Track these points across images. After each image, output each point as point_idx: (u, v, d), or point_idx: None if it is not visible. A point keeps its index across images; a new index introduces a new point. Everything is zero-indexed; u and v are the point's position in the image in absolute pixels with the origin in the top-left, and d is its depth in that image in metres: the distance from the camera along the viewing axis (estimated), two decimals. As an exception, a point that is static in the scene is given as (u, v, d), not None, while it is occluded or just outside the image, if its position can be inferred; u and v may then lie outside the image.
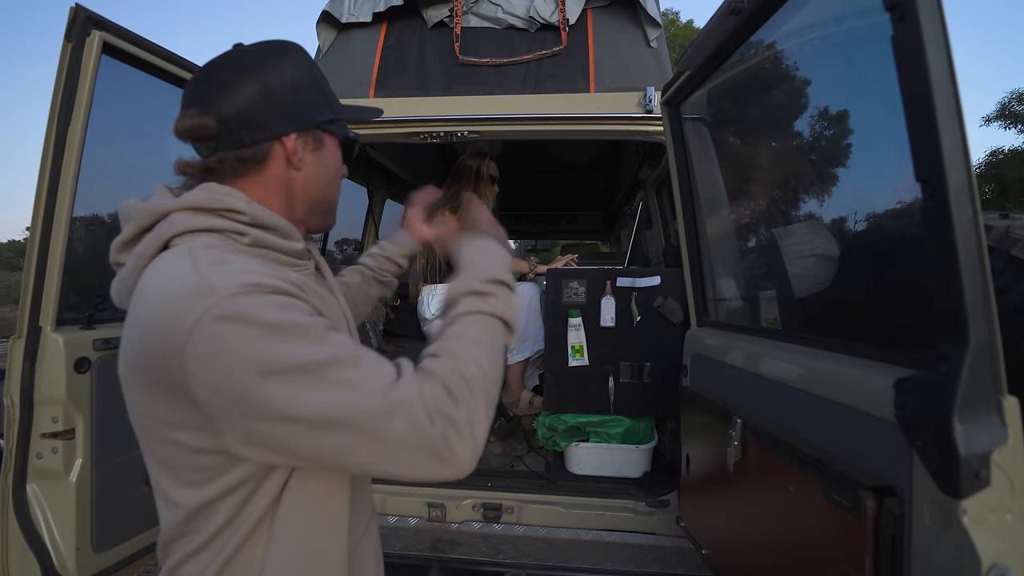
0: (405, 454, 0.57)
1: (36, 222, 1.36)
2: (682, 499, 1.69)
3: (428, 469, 0.59)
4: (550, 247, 8.37)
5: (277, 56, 0.74)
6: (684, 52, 1.39)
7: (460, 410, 0.59)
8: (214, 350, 0.55)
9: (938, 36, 0.67)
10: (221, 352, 0.55)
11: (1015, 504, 0.68)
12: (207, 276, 0.58)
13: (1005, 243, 1.77)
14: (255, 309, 0.56)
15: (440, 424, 0.57)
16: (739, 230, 1.62)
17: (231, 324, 0.55)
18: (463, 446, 0.58)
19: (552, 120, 1.91)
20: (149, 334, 0.58)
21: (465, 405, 0.59)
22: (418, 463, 0.58)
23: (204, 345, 0.55)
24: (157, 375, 0.58)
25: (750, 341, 1.35)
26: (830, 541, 0.91)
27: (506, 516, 1.89)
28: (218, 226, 0.67)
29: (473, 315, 0.70)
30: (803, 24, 1.14)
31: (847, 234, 1.20)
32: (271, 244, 0.71)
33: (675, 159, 1.65)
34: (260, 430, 0.57)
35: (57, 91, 1.34)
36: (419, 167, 3.68)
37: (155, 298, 0.59)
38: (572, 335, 1.97)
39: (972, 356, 0.65)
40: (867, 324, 1.09)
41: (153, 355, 0.58)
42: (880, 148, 1.02)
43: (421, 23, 2.17)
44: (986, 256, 0.66)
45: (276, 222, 0.72)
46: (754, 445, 1.19)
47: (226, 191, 0.70)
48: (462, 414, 0.59)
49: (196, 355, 0.55)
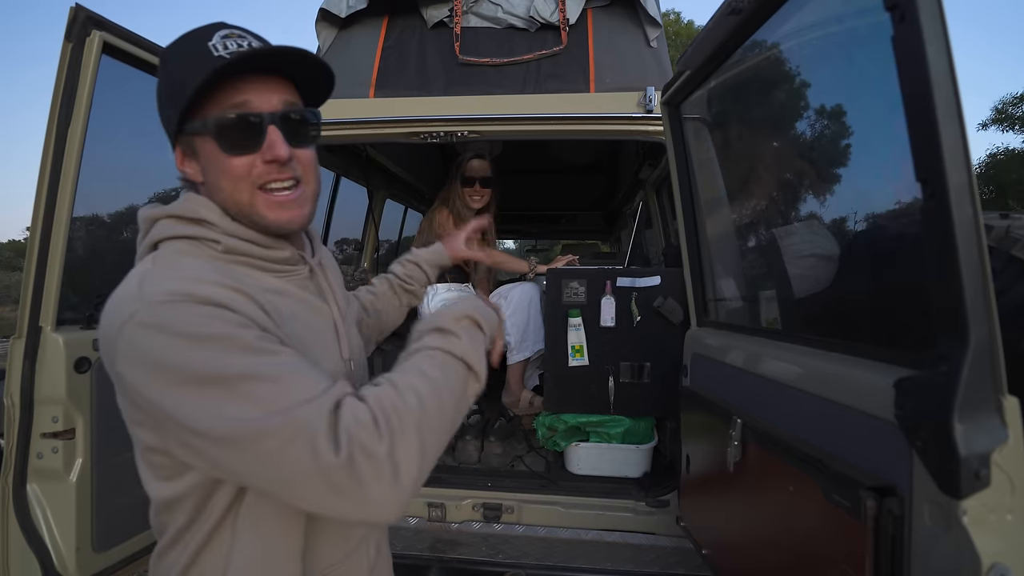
0: (300, 483, 0.52)
1: (36, 222, 1.36)
2: (682, 499, 1.69)
3: (329, 504, 0.53)
4: (550, 247, 8.38)
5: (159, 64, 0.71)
6: (684, 52, 1.39)
7: (381, 443, 0.53)
8: (135, 356, 0.55)
9: (938, 36, 0.67)
10: (141, 358, 0.55)
11: (1015, 504, 0.68)
12: (144, 282, 0.58)
13: (1005, 243, 1.78)
14: (176, 318, 0.55)
15: (347, 454, 0.51)
16: (739, 230, 1.62)
17: (150, 331, 0.55)
18: (378, 483, 0.52)
19: (552, 120, 1.91)
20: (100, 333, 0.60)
21: (389, 438, 0.53)
22: (316, 496, 0.52)
23: (128, 350, 0.56)
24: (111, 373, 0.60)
25: (750, 341, 1.35)
26: (830, 541, 0.91)
27: (506, 516, 1.89)
28: (195, 234, 0.67)
29: (431, 351, 0.65)
30: (803, 24, 1.14)
31: (847, 234, 1.20)
32: (247, 252, 0.69)
33: (675, 159, 1.65)
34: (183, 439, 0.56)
35: (57, 91, 1.34)
36: (419, 167, 3.68)
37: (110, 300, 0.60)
38: (572, 335, 1.96)
39: (972, 356, 0.65)
40: (867, 324, 1.09)
41: (103, 354, 0.60)
42: (880, 148, 1.02)
43: (421, 23, 2.17)
44: (986, 256, 0.66)
45: (250, 234, 0.69)
46: (754, 445, 1.19)
47: (199, 201, 0.69)
48: (382, 447, 0.52)
49: (123, 359, 0.56)
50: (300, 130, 0.70)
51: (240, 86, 0.66)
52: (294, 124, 0.69)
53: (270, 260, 0.71)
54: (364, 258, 3.53)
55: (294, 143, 0.68)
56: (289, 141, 0.67)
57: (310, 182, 0.72)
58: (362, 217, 3.51)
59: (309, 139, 0.72)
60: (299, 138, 0.70)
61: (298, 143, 0.69)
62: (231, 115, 0.65)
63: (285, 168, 0.68)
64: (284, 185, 0.69)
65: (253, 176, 0.67)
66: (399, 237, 4.50)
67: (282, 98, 0.68)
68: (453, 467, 2.15)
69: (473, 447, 2.19)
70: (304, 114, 0.70)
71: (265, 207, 0.68)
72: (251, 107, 0.66)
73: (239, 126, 0.66)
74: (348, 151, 2.86)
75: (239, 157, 0.66)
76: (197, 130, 0.67)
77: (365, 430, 0.53)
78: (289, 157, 0.67)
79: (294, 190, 0.70)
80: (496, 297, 2.63)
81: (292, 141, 0.68)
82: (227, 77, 0.65)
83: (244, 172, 0.67)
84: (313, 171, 0.73)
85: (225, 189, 0.68)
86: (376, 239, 3.57)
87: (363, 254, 3.53)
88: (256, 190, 0.68)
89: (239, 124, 0.66)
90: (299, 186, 0.70)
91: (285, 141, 0.67)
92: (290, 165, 0.68)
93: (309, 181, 0.72)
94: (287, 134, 0.67)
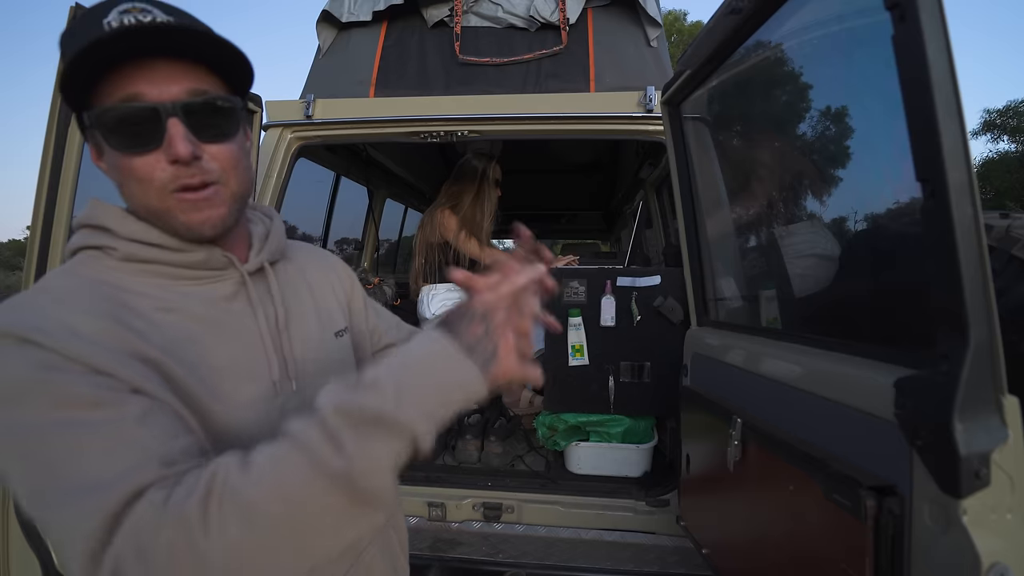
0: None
1: (36, 222, 1.36)
2: (682, 498, 1.69)
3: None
4: (550, 247, 8.38)
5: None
6: (684, 51, 1.39)
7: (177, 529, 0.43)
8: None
9: (938, 35, 0.67)
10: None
11: (1015, 503, 0.68)
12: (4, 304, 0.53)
13: (1005, 243, 1.78)
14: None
15: (117, 551, 0.43)
16: (739, 229, 1.62)
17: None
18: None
19: (552, 119, 1.91)
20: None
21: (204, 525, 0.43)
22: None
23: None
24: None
25: (750, 340, 1.35)
26: (830, 540, 0.91)
27: (506, 515, 1.89)
28: (99, 243, 0.61)
29: (300, 447, 0.46)
30: (803, 23, 1.14)
31: (847, 234, 1.20)
32: (149, 257, 0.61)
33: (675, 159, 1.65)
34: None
35: (57, 91, 1.34)
36: (419, 167, 3.68)
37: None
38: (572, 334, 1.97)
39: (972, 356, 0.65)
40: (867, 324, 1.09)
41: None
42: (880, 147, 1.02)
43: (421, 22, 2.17)
44: (986, 256, 0.66)
45: (155, 237, 0.61)
46: (754, 445, 1.19)
47: (100, 207, 0.63)
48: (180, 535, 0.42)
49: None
50: (211, 122, 0.59)
51: (131, 73, 0.55)
52: (202, 116, 0.58)
53: (179, 265, 0.62)
54: (364, 258, 3.53)
55: (204, 138, 0.58)
56: (198, 135, 0.57)
57: (229, 182, 0.61)
58: (362, 217, 3.51)
59: (227, 131, 0.61)
60: (211, 132, 0.59)
61: (210, 138, 0.59)
62: (117, 107, 0.55)
63: (192, 169, 0.57)
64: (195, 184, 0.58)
65: (161, 179, 0.57)
66: (399, 237, 4.50)
67: (186, 87, 0.57)
68: (453, 467, 2.15)
69: (473, 446, 2.19)
70: (213, 102, 0.58)
71: (180, 210, 0.59)
72: (144, 98, 0.55)
73: (130, 120, 0.55)
74: (348, 151, 2.86)
75: (137, 156, 0.56)
76: (91, 124, 0.58)
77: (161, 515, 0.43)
78: (193, 156, 0.57)
79: (207, 189, 0.59)
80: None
81: (203, 135, 0.58)
82: (115, 62, 0.54)
83: (148, 174, 0.57)
84: (234, 168, 0.61)
85: (135, 194, 0.58)
86: (376, 239, 3.57)
87: (363, 254, 3.53)
88: (169, 195, 0.58)
89: (129, 117, 0.55)
90: (212, 186, 0.59)
91: (189, 137, 0.56)
92: (198, 165, 0.58)
93: (228, 181, 0.61)
94: (195, 127, 0.57)
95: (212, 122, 0.59)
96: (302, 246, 0.84)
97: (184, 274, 0.63)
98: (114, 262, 0.61)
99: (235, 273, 0.66)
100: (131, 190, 0.59)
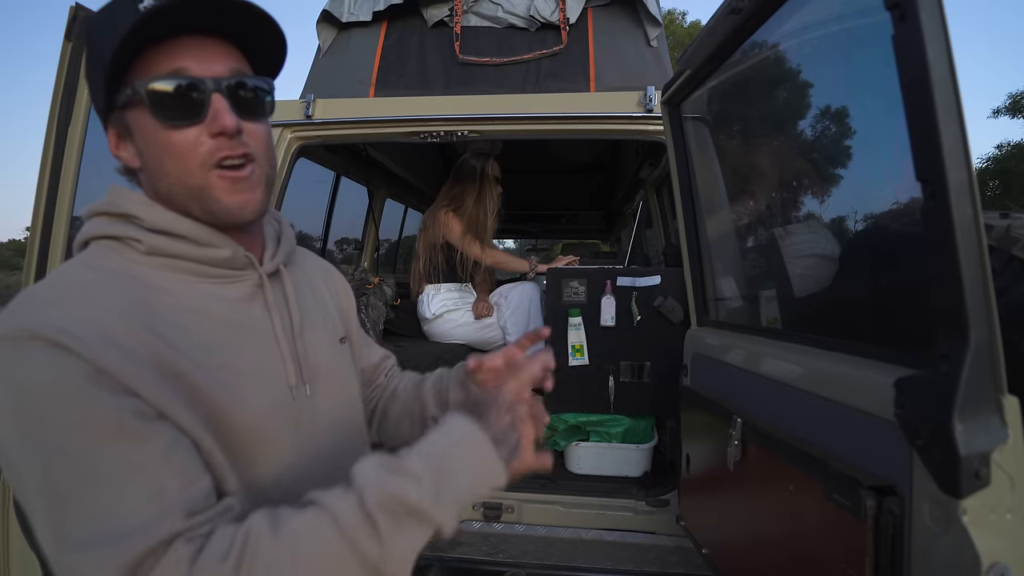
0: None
1: (36, 222, 1.36)
2: (682, 498, 1.69)
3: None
4: (550, 246, 8.38)
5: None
6: (684, 51, 1.39)
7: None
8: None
9: (939, 35, 0.67)
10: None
11: (1015, 503, 0.68)
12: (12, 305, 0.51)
13: (1005, 242, 1.77)
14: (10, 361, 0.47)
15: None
16: (739, 230, 1.62)
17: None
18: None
19: (552, 119, 1.91)
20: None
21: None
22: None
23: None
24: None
25: (750, 340, 1.35)
26: (830, 540, 0.91)
27: (506, 515, 1.89)
28: (120, 233, 0.59)
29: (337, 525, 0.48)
30: (803, 23, 1.13)
31: (847, 234, 1.20)
32: (175, 252, 0.59)
33: (675, 158, 1.65)
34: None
35: (57, 90, 1.34)
36: (419, 167, 3.68)
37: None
38: (572, 334, 1.97)
39: (972, 356, 0.65)
40: (867, 324, 1.09)
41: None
42: (880, 147, 1.02)
43: (421, 22, 2.17)
44: (986, 256, 0.66)
45: (184, 228, 0.60)
46: (754, 444, 1.19)
47: (122, 193, 0.61)
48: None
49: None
50: (250, 101, 0.60)
51: (176, 50, 0.57)
52: (243, 94, 0.60)
53: (204, 262, 0.61)
54: (364, 257, 3.53)
55: (244, 115, 0.59)
56: (238, 113, 0.59)
57: (263, 162, 0.62)
58: (362, 217, 3.51)
59: (261, 112, 0.62)
60: (250, 110, 0.60)
61: (249, 116, 0.60)
62: (166, 79, 0.56)
63: (236, 142, 0.58)
64: (237, 162, 0.59)
65: (202, 153, 0.57)
66: (399, 237, 4.50)
67: (228, 65, 0.59)
68: (453, 466, 2.15)
69: (473, 446, 2.19)
70: (255, 83, 0.61)
71: (221, 189, 0.58)
72: (190, 73, 0.57)
73: (177, 93, 0.56)
74: (348, 150, 2.86)
75: (181, 130, 0.57)
76: (128, 100, 0.57)
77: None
78: (238, 129, 0.58)
79: (245, 168, 0.60)
80: (496, 297, 2.63)
81: (242, 113, 0.59)
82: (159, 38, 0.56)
83: (190, 148, 0.57)
84: (266, 149, 0.63)
85: (172, 172, 0.58)
86: (376, 239, 3.57)
87: (363, 254, 3.53)
88: (209, 171, 0.58)
89: (177, 90, 0.56)
90: (251, 164, 0.60)
91: (233, 111, 0.58)
92: (240, 139, 0.59)
93: (262, 161, 0.62)
94: (235, 105, 0.59)
95: (251, 101, 0.61)
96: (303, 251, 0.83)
97: (207, 272, 0.62)
98: (137, 255, 0.59)
99: (253, 275, 0.65)
100: (167, 168, 0.58)
